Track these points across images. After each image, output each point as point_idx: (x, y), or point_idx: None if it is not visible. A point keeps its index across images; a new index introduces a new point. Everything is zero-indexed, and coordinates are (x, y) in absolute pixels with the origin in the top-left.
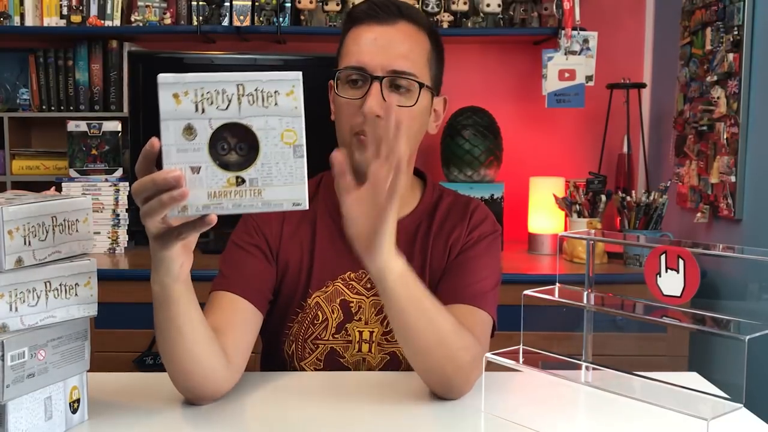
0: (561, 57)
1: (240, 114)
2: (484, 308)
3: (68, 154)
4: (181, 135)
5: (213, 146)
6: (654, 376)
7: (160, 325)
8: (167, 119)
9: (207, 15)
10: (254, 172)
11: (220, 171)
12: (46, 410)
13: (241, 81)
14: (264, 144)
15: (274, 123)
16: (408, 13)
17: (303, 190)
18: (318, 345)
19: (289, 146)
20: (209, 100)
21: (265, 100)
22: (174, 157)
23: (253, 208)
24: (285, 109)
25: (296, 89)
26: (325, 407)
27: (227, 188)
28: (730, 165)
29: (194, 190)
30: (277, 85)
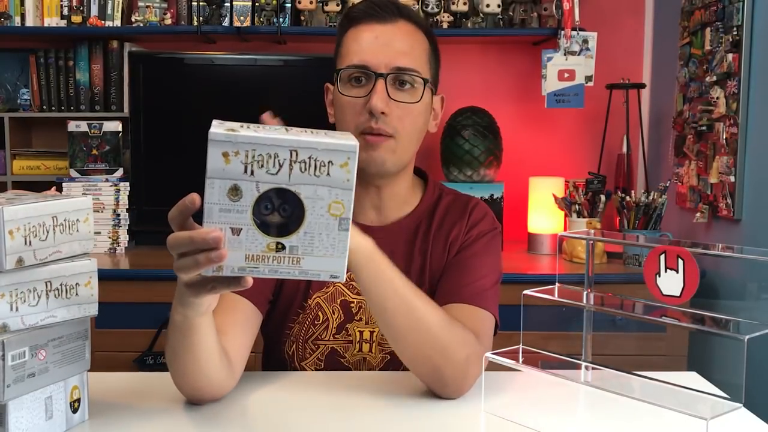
0: (560, 57)
1: (290, 180)
2: (484, 306)
3: (69, 154)
4: (226, 195)
5: (259, 207)
6: (653, 376)
7: (175, 347)
8: (213, 177)
9: (207, 15)
10: (296, 240)
11: (260, 235)
12: (46, 410)
13: (296, 147)
14: (310, 213)
15: (323, 193)
16: (407, 12)
17: (342, 264)
18: (318, 345)
19: (335, 218)
20: (260, 163)
21: (317, 169)
22: (216, 216)
23: (289, 276)
24: (336, 180)
25: (351, 161)
26: (325, 407)
27: (266, 253)
28: (730, 165)
29: (232, 252)
30: (331, 156)
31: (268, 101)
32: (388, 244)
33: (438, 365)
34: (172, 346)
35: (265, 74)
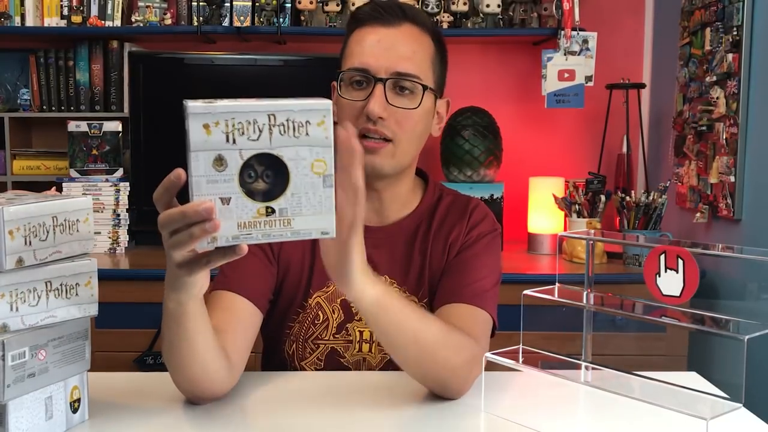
0: (560, 57)
1: (271, 144)
2: (483, 307)
3: (69, 155)
4: (212, 166)
5: (243, 177)
6: (653, 376)
7: (170, 338)
8: (197, 150)
9: (207, 15)
10: (284, 202)
11: (249, 201)
12: (46, 410)
13: (273, 111)
14: (294, 174)
15: (305, 153)
16: (412, 15)
17: (331, 220)
18: (318, 345)
19: (319, 176)
20: (240, 131)
21: (296, 130)
22: (204, 188)
23: (281, 238)
24: (316, 139)
25: (327, 119)
26: (325, 407)
27: (257, 218)
28: (730, 165)
29: (224, 221)
30: (308, 115)
31: None
32: (388, 244)
33: (443, 377)
34: (168, 339)
35: (265, 74)
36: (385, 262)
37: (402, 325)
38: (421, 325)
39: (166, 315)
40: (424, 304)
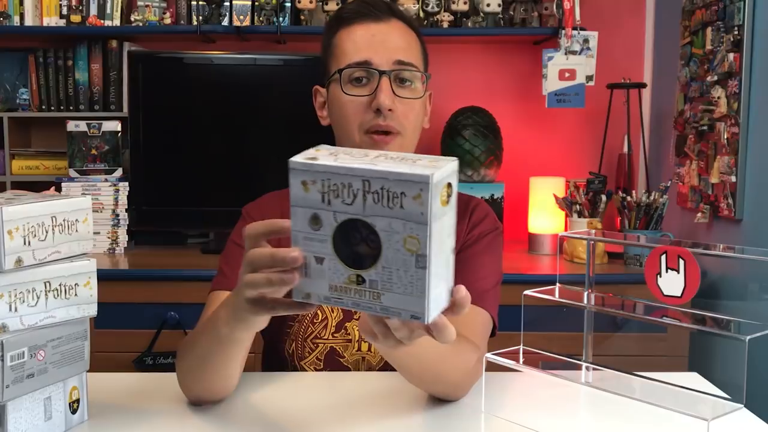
0: (561, 57)
1: (364, 211)
2: (484, 307)
3: (68, 154)
4: (308, 224)
5: (337, 240)
6: (654, 376)
7: (207, 357)
8: (296, 206)
9: (207, 15)
10: (374, 274)
11: (342, 266)
12: (45, 410)
13: (368, 177)
14: (386, 247)
15: (398, 227)
16: (399, 12)
17: (422, 304)
18: (318, 344)
19: (412, 254)
20: (335, 193)
21: (390, 200)
22: (301, 243)
23: (370, 311)
24: (410, 213)
25: (424, 193)
26: (325, 408)
27: (348, 285)
28: (731, 165)
29: (318, 280)
30: (403, 186)
31: (268, 101)
32: None
33: (449, 392)
34: (201, 355)
35: (264, 74)
36: None
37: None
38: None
39: (214, 335)
40: None
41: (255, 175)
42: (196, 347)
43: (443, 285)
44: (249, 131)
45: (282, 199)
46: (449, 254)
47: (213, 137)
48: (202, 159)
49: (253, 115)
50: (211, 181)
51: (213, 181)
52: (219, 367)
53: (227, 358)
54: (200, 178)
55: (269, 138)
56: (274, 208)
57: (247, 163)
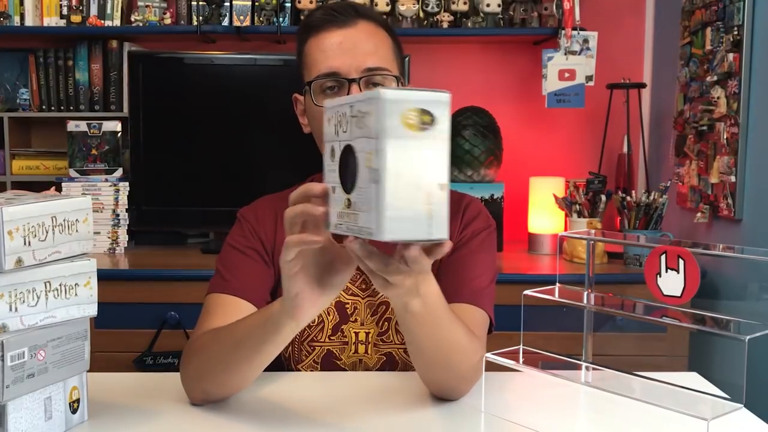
0: (561, 57)
1: (350, 136)
2: (480, 306)
3: (68, 154)
4: (329, 157)
5: (340, 168)
6: (654, 376)
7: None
8: (326, 141)
9: (207, 15)
10: (355, 195)
11: (341, 192)
12: (46, 410)
13: (352, 101)
14: (360, 166)
15: (363, 144)
16: (365, 12)
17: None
18: (314, 347)
19: (371, 170)
20: (340, 123)
21: (360, 120)
22: (327, 176)
23: (352, 232)
24: (369, 129)
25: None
26: (324, 408)
27: (344, 210)
28: (730, 165)
29: (333, 208)
30: (367, 105)
31: (268, 101)
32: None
33: (452, 384)
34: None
35: (265, 74)
36: None
37: (439, 336)
38: (453, 335)
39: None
40: None
41: (255, 175)
42: (235, 333)
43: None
44: (249, 131)
45: (276, 203)
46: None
47: (213, 137)
48: (202, 159)
49: (253, 115)
50: (211, 181)
51: (213, 181)
52: (252, 355)
53: (264, 347)
54: (200, 178)
55: (269, 138)
56: (269, 211)
57: (247, 163)
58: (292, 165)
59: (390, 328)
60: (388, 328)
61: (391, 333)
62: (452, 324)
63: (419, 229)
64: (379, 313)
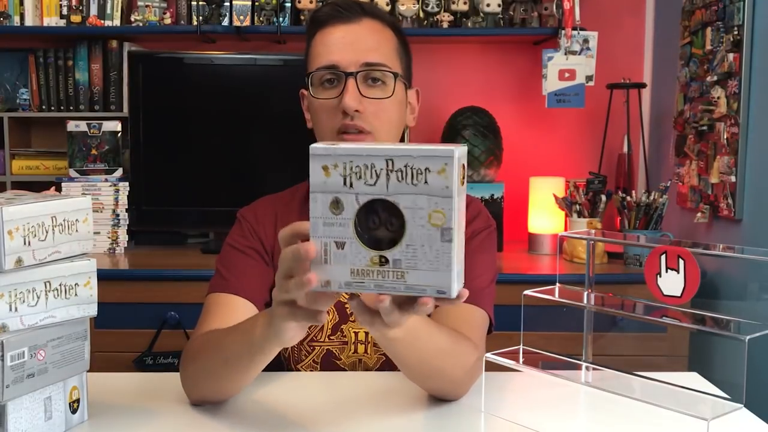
0: (561, 57)
1: (388, 191)
2: (480, 306)
3: (68, 154)
4: (329, 208)
5: (359, 222)
6: (654, 376)
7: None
8: (316, 192)
9: (207, 15)
10: (398, 253)
11: (363, 249)
12: (45, 410)
13: (391, 155)
14: (410, 224)
15: (423, 203)
16: (371, 10)
17: (448, 277)
18: (314, 347)
19: (437, 228)
20: (357, 174)
21: (414, 177)
22: (320, 230)
23: (394, 291)
24: (435, 188)
25: (448, 167)
26: (324, 408)
27: (370, 267)
28: (730, 165)
29: (338, 266)
30: (427, 162)
31: (268, 101)
32: None
33: (447, 389)
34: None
35: (265, 74)
36: None
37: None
38: (437, 348)
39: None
40: None
41: (255, 175)
42: (223, 350)
43: (460, 266)
44: (249, 131)
45: (275, 203)
46: (462, 237)
47: (213, 137)
48: (202, 159)
49: (253, 115)
50: (211, 181)
51: (213, 181)
52: (242, 372)
53: (253, 365)
54: (200, 178)
55: (269, 138)
56: (268, 212)
57: (247, 163)
58: (292, 165)
59: None
60: None
61: None
62: (433, 336)
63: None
64: None
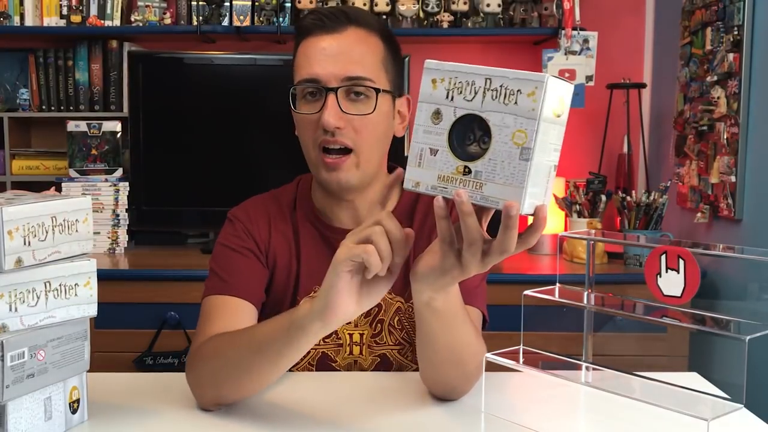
0: (561, 57)
1: (482, 107)
2: (474, 304)
3: (68, 154)
4: (430, 118)
5: (453, 133)
6: (654, 376)
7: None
8: (423, 101)
9: (207, 15)
10: (481, 165)
11: (452, 157)
12: (45, 410)
13: (490, 75)
14: (496, 140)
15: (509, 121)
16: (356, 18)
17: (520, 194)
18: (309, 350)
19: (518, 147)
20: (459, 90)
21: (506, 97)
22: (420, 136)
23: (472, 200)
24: (522, 109)
25: (538, 90)
26: (323, 408)
27: (454, 175)
28: (730, 165)
29: (429, 170)
30: (521, 84)
31: (268, 101)
32: None
33: (455, 385)
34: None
35: (264, 74)
36: None
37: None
38: (462, 329)
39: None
40: (411, 305)
41: (255, 175)
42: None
43: (539, 191)
44: (249, 131)
45: (267, 203)
46: (551, 169)
47: (213, 137)
48: (202, 159)
49: (253, 115)
50: (211, 181)
51: (213, 181)
52: (274, 361)
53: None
54: (200, 178)
55: (269, 138)
56: (261, 212)
57: (247, 163)
58: (292, 165)
59: (383, 330)
60: (381, 329)
61: (384, 334)
62: (465, 324)
63: (539, 202)
64: (372, 314)
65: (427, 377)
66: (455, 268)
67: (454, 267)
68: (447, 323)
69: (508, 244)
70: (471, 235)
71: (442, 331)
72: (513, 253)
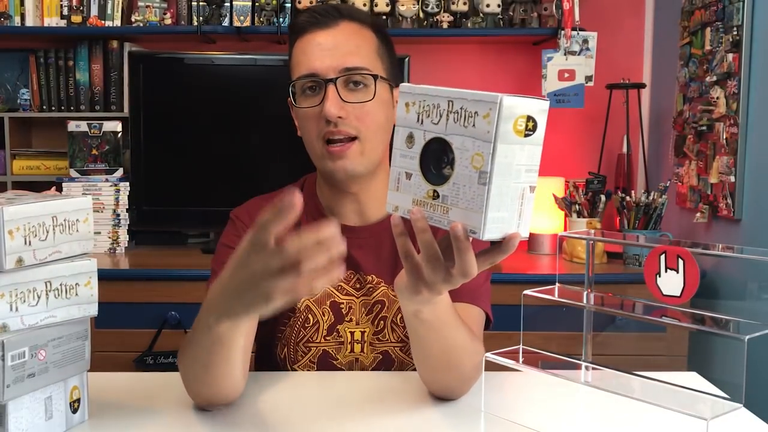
0: (561, 57)
1: (446, 130)
2: (477, 304)
3: (69, 154)
4: (404, 142)
5: (423, 157)
6: (653, 376)
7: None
8: (398, 125)
9: (207, 15)
10: (447, 189)
11: (423, 181)
12: (46, 410)
13: (452, 97)
14: (458, 164)
15: (469, 144)
16: (348, 13)
17: (479, 219)
18: (310, 348)
19: (476, 171)
20: (427, 113)
21: (466, 119)
22: (398, 160)
23: (440, 225)
24: (479, 131)
25: (492, 113)
26: (323, 408)
27: (426, 199)
28: (730, 165)
29: (405, 194)
30: (477, 106)
31: (268, 101)
32: (373, 244)
33: (452, 386)
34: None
35: (265, 74)
36: (371, 263)
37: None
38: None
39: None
40: None
41: (255, 175)
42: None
43: (507, 216)
44: (249, 131)
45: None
46: (524, 191)
47: (213, 137)
48: (203, 159)
49: (253, 115)
50: (211, 181)
51: (213, 181)
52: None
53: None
54: (201, 178)
55: (269, 138)
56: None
57: (247, 163)
58: (292, 165)
59: (385, 327)
60: (384, 326)
61: (386, 331)
62: (458, 328)
63: (510, 228)
64: (374, 312)
65: (424, 379)
66: (423, 285)
67: (420, 284)
68: (437, 331)
69: (466, 268)
70: (427, 252)
71: (434, 339)
72: (482, 270)
